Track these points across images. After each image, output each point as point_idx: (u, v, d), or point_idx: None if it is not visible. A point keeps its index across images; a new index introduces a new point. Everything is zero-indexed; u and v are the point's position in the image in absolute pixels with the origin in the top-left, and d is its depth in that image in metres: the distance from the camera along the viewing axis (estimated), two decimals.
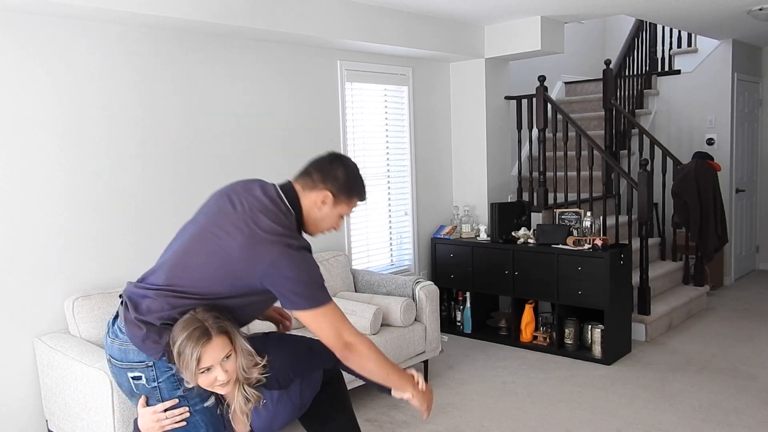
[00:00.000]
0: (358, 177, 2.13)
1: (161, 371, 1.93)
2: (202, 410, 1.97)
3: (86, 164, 3.24)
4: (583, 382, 4.01)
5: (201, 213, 2.08)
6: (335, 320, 1.96)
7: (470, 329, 4.98)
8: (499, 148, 5.30)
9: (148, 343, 1.90)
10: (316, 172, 2.08)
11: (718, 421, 3.41)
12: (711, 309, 5.61)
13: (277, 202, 2.01)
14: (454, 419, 3.53)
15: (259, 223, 1.93)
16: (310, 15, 3.84)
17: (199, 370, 1.85)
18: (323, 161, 2.10)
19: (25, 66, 3.02)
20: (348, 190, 2.09)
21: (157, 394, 1.95)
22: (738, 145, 6.47)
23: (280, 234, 1.92)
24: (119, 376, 1.99)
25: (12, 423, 3.05)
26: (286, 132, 4.14)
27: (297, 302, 1.92)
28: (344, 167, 2.09)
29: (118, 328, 1.97)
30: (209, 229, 1.97)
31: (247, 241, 1.90)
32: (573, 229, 4.53)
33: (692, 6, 4.66)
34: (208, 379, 1.88)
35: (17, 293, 3.04)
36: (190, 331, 1.83)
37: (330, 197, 2.06)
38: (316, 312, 1.93)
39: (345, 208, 2.12)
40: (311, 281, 1.93)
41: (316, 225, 2.12)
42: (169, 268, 1.98)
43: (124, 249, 3.40)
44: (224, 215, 1.97)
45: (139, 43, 3.40)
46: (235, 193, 2.04)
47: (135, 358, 1.94)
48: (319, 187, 2.06)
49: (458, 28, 4.84)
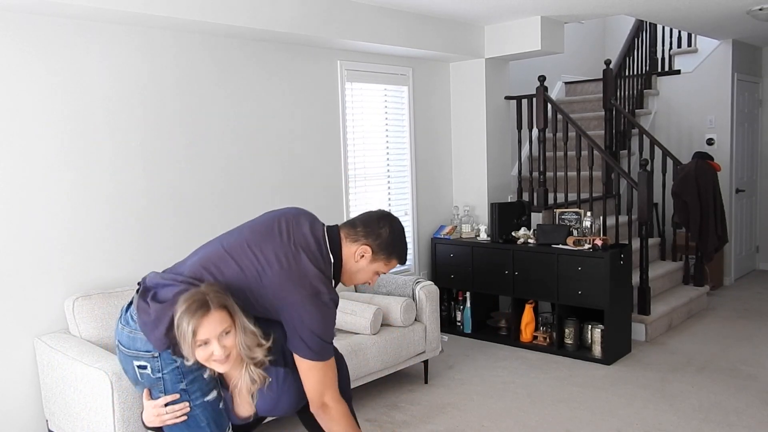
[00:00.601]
0: (402, 240, 2.17)
1: (166, 363, 1.94)
2: (203, 405, 1.97)
3: (87, 164, 3.24)
4: (583, 382, 4.02)
5: (248, 227, 2.11)
6: (324, 379, 2.02)
7: (470, 329, 4.98)
8: (499, 148, 5.30)
9: (155, 333, 1.91)
10: (361, 225, 2.12)
11: (718, 421, 3.41)
12: (711, 309, 5.61)
13: (321, 245, 2.04)
14: (454, 419, 3.53)
15: (298, 261, 1.97)
16: (310, 15, 3.84)
17: (196, 342, 1.84)
18: (371, 217, 2.15)
19: (27, 66, 3.02)
20: (388, 250, 2.12)
21: (160, 385, 1.96)
22: (738, 145, 6.48)
23: (314, 278, 1.96)
24: (126, 363, 2.01)
25: (12, 423, 3.05)
26: (286, 132, 4.13)
27: (300, 348, 1.96)
28: (390, 227, 2.13)
29: (130, 316, 1.99)
30: (251, 247, 2.00)
31: (280, 275, 1.94)
32: (573, 229, 4.53)
33: (692, 6, 4.66)
34: (205, 353, 1.87)
35: (17, 293, 3.04)
36: (190, 302, 1.84)
37: (369, 252, 2.10)
38: (312, 364, 1.98)
39: (382, 266, 2.16)
40: (323, 337, 1.96)
41: (350, 277, 2.16)
42: (200, 266, 2.01)
43: (125, 249, 3.40)
44: (270, 239, 2.01)
45: (140, 43, 3.40)
46: (286, 221, 2.08)
47: (142, 347, 1.95)
48: (360, 240, 2.10)
49: (458, 28, 4.84)
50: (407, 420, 3.54)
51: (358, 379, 3.55)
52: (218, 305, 1.86)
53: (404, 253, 2.18)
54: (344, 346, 3.46)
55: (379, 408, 3.69)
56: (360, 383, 3.60)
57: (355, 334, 3.67)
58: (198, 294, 1.86)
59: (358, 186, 4.64)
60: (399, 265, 2.20)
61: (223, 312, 1.87)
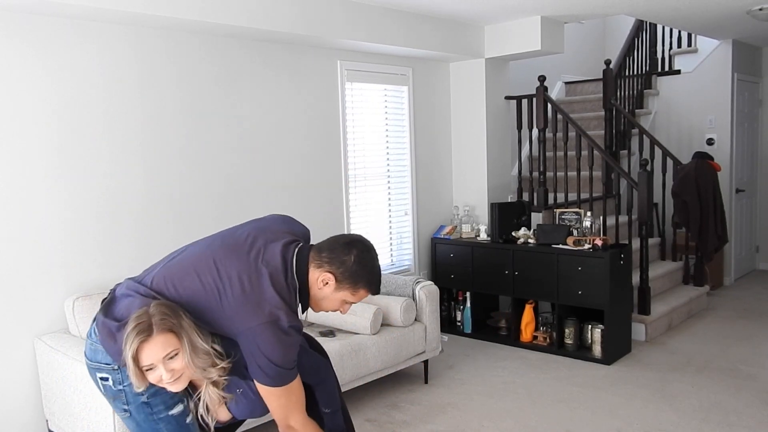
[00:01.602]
0: (370, 269, 2.01)
1: (125, 376, 1.90)
2: (167, 419, 1.95)
3: (87, 164, 3.24)
4: (583, 382, 4.01)
5: (222, 237, 2.04)
6: (287, 403, 1.95)
7: (470, 329, 4.98)
8: (499, 148, 5.30)
9: (113, 347, 1.88)
10: (327, 250, 1.99)
11: (718, 421, 3.41)
12: (711, 309, 5.61)
13: (287, 269, 1.93)
14: (454, 419, 3.53)
15: (259, 285, 1.88)
16: (310, 15, 3.84)
17: (142, 368, 1.81)
18: (338, 242, 2.01)
19: (26, 66, 3.02)
20: (353, 279, 1.98)
21: (122, 396, 1.95)
22: (738, 145, 6.47)
23: (274, 305, 1.87)
24: (91, 375, 2.01)
25: (12, 423, 3.05)
26: (286, 132, 4.13)
27: (258, 375, 1.90)
28: (357, 254, 1.98)
29: (93, 329, 1.98)
30: (216, 262, 1.93)
31: (239, 299, 1.87)
32: (573, 229, 4.53)
33: (692, 6, 4.65)
34: (154, 377, 1.83)
35: (17, 293, 3.04)
36: (132, 326, 1.78)
37: (332, 280, 1.97)
38: (272, 390, 1.92)
39: (349, 296, 2.02)
40: (281, 364, 1.88)
41: (317, 303, 2.04)
42: (163, 276, 1.96)
43: (125, 249, 3.40)
44: (236, 257, 1.93)
45: (138, 43, 3.40)
46: (262, 236, 1.99)
47: (103, 360, 1.94)
48: (324, 267, 1.97)
49: (458, 28, 4.84)
50: (407, 420, 3.54)
51: (358, 379, 3.55)
52: (162, 329, 1.78)
53: (373, 283, 2.03)
54: (344, 346, 3.46)
55: (379, 408, 3.69)
56: (360, 383, 3.60)
57: (355, 334, 3.67)
58: (143, 316, 1.80)
59: (358, 186, 4.64)
60: (370, 294, 2.04)
61: (168, 335, 1.79)
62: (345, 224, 4.51)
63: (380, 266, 2.07)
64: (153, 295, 1.92)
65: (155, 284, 1.95)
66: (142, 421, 1.96)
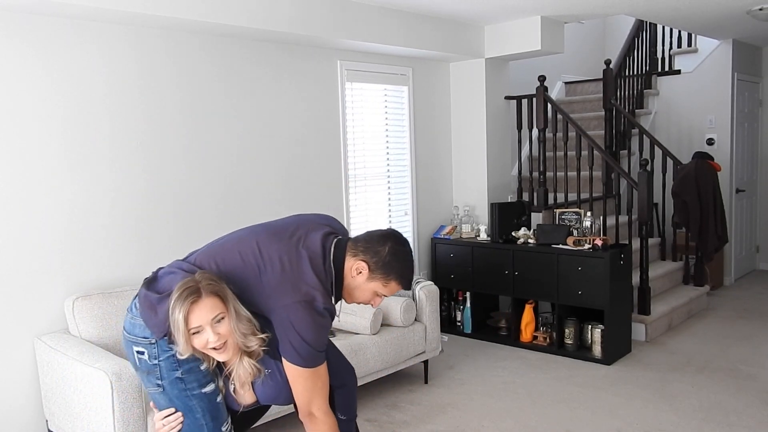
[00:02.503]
0: (404, 262, 2.08)
1: (162, 350, 1.97)
2: (199, 396, 2.00)
3: (87, 165, 3.24)
4: (583, 382, 4.01)
5: (267, 225, 2.13)
6: (313, 388, 2.00)
7: (470, 329, 4.98)
8: (499, 148, 5.30)
9: (153, 319, 1.94)
10: (363, 240, 2.08)
11: (718, 421, 3.41)
12: (711, 309, 5.61)
13: (325, 256, 2.01)
14: (454, 419, 3.53)
15: (299, 265, 1.96)
16: (310, 15, 3.84)
17: (189, 330, 1.86)
18: (375, 233, 2.10)
19: (27, 66, 3.02)
20: (386, 269, 2.04)
21: (156, 372, 2.00)
22: (738, 145, 6.47)
23: (311, 286, 1.94)
24: (127, 348, 2.06)
25: (12, 423, 3.05)
26: (286, 132, 4.13)
27: (289, 354, 1.95)
28: (392, 246, 2.06)
29: (134, 303, 2.04)
30: (258, 244, 2.01)
31: (279, 276, 1.95)
32: (573, 229, 4.53)
33: (692, 6, 4.66)
34: (200, 341, 1.89)
35: (17, 293, 3.04)
36: (181, 290, 1.86)
37: (366, 269, 2.04)
38: (300, 370, 1.97)
39: (380, 287, 2.07)
40: (312, 345, 1.94)
41: (349, 293, 2.10)
42: (206, 255, 2.05)
43: (125, 249, 3.40)
44: (278, 240, 2.02)
45: (139, 43, 3.40)
46: (303, 226, 2.08)
47: (140, 333, 2.00)
48: (359, 256, 2.04)
49: (458, 28, 4.84)
50: (407, 420, 3.54)
51: (358, 379, 3.55)
52: (210, 292, 1.87)
53: (405, 276, 2.09)
54: (344, 346, 3.46)
55: (379, 408, 3.69)
56: (360, 383, 3.60)
57: (355, 334, 3.67)
58: (190, 282, 1.88)
59: (358, 186, 4.64)
60: (401, 288, 2.10)
61: (214, 298, 1.87)
62: (345, 224, 4.51)
63: (413, 262, 2.14)
64: (195, 270, 1.99)
65: (198, 261, 2.03)
66: (175, 396, 2.00)
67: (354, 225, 4.61)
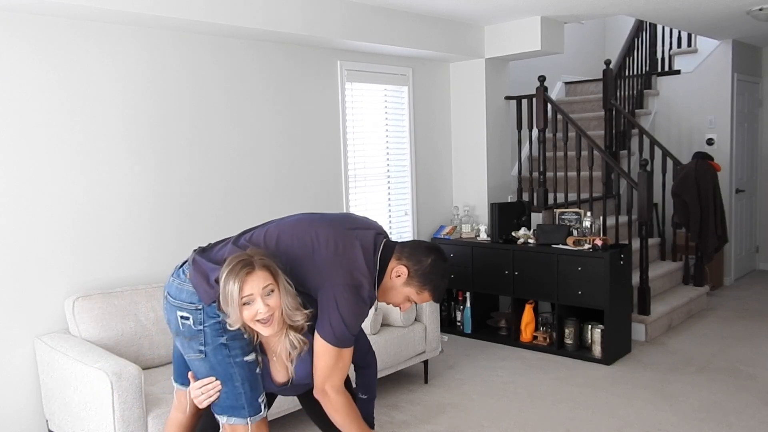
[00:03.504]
0: (441, 276, 2.18)
1: (208, 316, 2.01)
2: (242, 363, 2.03)
3: (88, 165, 3.24)
4: (583, 382, 4.02)
5: (323, 214, 2.23)
6: (334, 366, 2.07)
7: (470, 329, 4.98)
8: (499, 148, 5.30)
9: (204, 286, 2.01)
10: (409, 247, 2.18)
11: (718, 421, 3.41)
12: (711, 309, 5.61)
13: (375, 251, 2.13)
14: (454, 419, 3.53)
15: (351, 251, 2.07)
16: (310, 15, 3.84)
17: (242, 299, 1.93)
18: (422, 244, 2.21)
19: (31, 67, 3.02)
20: (423, 279, 2.15)
21: (200, 337, 2.02)
22: (738, 145, 6.48)
23: (361, 272, 2.05)
24: (170, 313, 2.09)
25: (12, 423, 3.05)
26: (286, 132, 4.14)
27: (325, 329, 2.03)
28: (434, 259, 2.16)
29: (183, 270, 2.10)
30: (315, 227, 2.11)
31: (332, 257, 2.05)
32: (573, 229, 4.53)
33: (692, 6, 4.66)
34: (250, 312, 1.95)
35: (17, 293, 3.04)
36: (235, 263, 1.94)
37: (405, 274, 2.14)
38: (329, 347, 2.04)
39: (414, 294, 2.18)
40: (349, 326, 2.04)
41: (384, 293, 2.20)
42: (260, 234, 2.13)
43: (125, 249, 3.40)
44: (334, 227, 2.12)
45: (143, 43, 3.40)
46: (358, 221, 2.20)
47: (187, 299, 2.03)
48: (402, 260, 2.15)
49: (458, 28, 4.84)
50: (407, 420, 3.54)
51: None
52: (261, 265, 1.96)
53: (439, 289, 2.19)
54: None
55: (379, 408, 3.69)
56: None
57: None
58: (243, 255, 1.97)
59: (358, 186, 4.64)
60: (431, 299, 2.21)
61: (266, 271, 1.96)
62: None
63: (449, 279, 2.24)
64: (247, 246, 2.07)
65: (253, 239, 2.12)
66: (218, 363, 2.02)
67: None
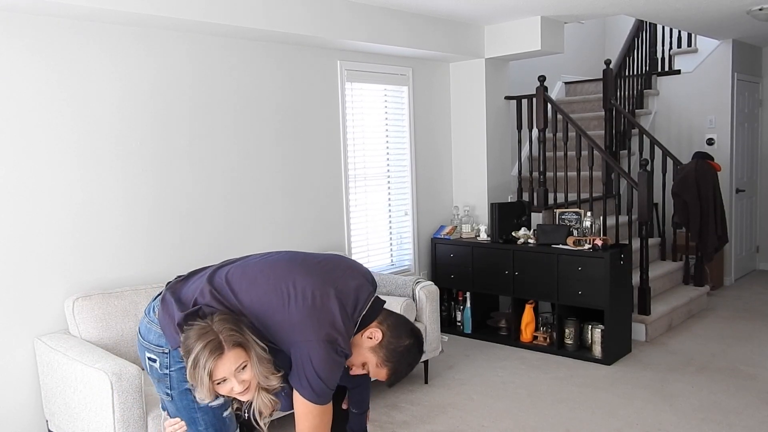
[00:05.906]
0: (407, 364, 2.08)
1: (175, 360, 1.96)
2: (205, 409, 1.99)
3: (89, 165, 3.24)
4: (583, 382, 4.02)
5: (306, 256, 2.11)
6: (319, 425, 1.99)
7: (470, 329, 4.98)
8: (499, 148, 5.30)
9: (170, 329, 1.93)
10: (395, 318, 2.08)
11: (718, 421, 3.41)
12: (711, 309, 5.61)
13: (356, 307, 2.01)
14: (454, 419, 3.53)
15: (326, 304, 1.94)
16: (311, 15, 3.84)
17: (214, 381, 1.86)
18: (408, 323, 2.10)
19: (32, 68, 3.02)
20: (391, 356, 2.04)
21: (166, 381, 1.99)
22: (738, 145, 6.47)
23: (336, 330, 1.93)
24: (140, 352, 2.06)
25: (12, 423, 3.05)
26: (286, 132, 4.13)
27: (303, 387, 1.95)
28: (412, 345, 2.06)
29: (153, 307, 2.03)
30: (294, 273, 1.99)
31: (308, 310, 1.92)
32: (573, 229, 4.53)
33: (692, 6, 4.66)
34: (225, 389, 1.89)
35: (17, 293, 3.04)
36: (204, 344, 1.82)
37: (377, 341, 2.04)
38: (311, 407, 1.97)
39: (373, 364, 2.07)
40: (326, 383, 1.95)
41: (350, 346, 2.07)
42: (236, 274, 2.02)
43: (126, 249, 3.40)
44: (312, 275, 2.00)
45: (145, 44, 3.40)
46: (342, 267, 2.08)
47: (155, 341, 1.98)
48: (383, 327, 2.05)
49: (458, 28, 4.84)
50: (407, 420, 3.54)
51: None
52: (233, 345, 1.84)
53: (398, 374, 2.08)
54: None
55: (379, 408, 3.69)
56: None
57: None
58: (210, 335, 1.84)
59: (358, 186, 4.64)
60: (384, 379, 2.09)
61: (238, 350, 1.85)
62: (345, 224, 4.51)
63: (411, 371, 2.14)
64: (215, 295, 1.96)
65: (220, 285, 1.99)
66: (183, 407, 2.01)
67: (354, 225, 4.61)
